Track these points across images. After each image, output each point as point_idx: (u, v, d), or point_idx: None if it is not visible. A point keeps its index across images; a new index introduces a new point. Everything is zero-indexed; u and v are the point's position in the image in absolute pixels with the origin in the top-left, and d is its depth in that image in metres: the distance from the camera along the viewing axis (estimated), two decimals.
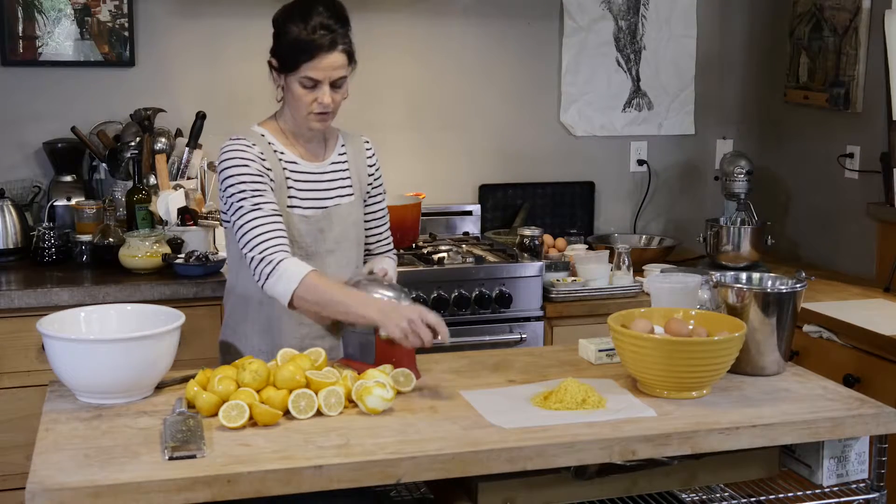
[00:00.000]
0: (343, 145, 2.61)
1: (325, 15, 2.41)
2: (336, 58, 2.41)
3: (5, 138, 3.59)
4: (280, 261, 2.34)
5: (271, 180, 2.44)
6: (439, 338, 2.24)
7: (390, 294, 2.34)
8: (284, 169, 2.48)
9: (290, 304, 2.34)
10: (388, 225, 2.74)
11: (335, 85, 2.43)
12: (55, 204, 3.49)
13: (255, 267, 2.36)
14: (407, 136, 3.97)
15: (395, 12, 3.87)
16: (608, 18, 4.10)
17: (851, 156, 3.74)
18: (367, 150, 2.66)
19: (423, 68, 3.96)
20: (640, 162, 4.22)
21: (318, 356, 2.24)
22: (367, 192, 2.64)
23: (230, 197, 2.42)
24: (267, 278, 2.34)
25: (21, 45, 3.56)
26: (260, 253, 2.35)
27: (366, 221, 2.66)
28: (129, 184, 3.49)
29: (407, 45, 3.93)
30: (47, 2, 3.56)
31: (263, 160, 2.44)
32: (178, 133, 3.65)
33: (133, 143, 3.52)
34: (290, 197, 2.48)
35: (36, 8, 3.55)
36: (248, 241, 2.37)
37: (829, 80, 3.81)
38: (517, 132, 4.08)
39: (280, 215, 2.41)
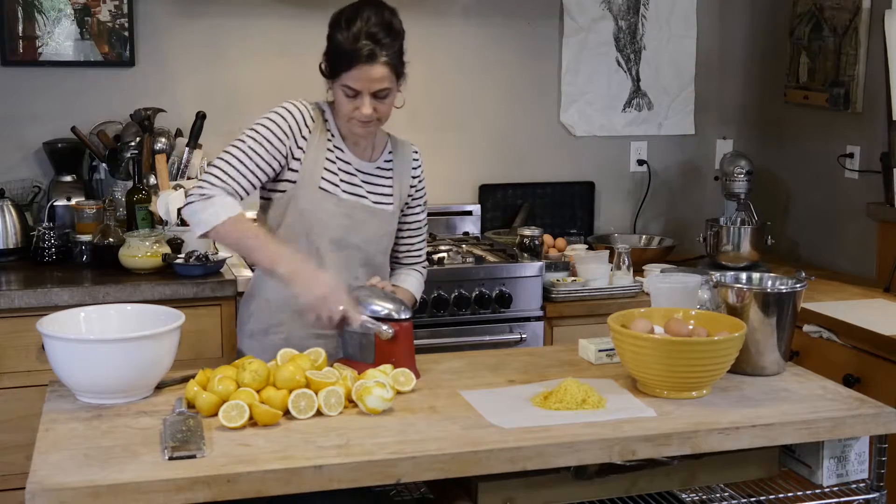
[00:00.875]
0: (391, 152, 2.60)
1: (371, 23, 2.37)
2: (377, 70, 2.37)
3: (5, 138, 3.59)
4: (216, 196, 2.34)
5: (294, 150, 2.42)
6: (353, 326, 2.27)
7: (389, 306, 2.34)
8: (329, 150, 2.47)
9: (205, 235, 2.36)
10: (423, 238, 2.71)
11: (377, 96, 2.40)
12: (55, 204, 3.49)
13: (197, 186, 2.38)
14: (407, 135, 3.93)
15: None
16: (608, 18, 4.10)
17: (851, 156, 3.74)
18: (415, 159, 2.65)
19: (424, 68, 3.95)
20: (640, 162, 4.22)
21: (318, 356, 2.24)
22: (406, 203, 2.63)
23: (248, 129, 2.42)
24: (196, 200, 2.35)
25: (21, 45, 3.56)
26: (208, 180, 2.36)
27: (400, 230, 2.64)
28: (129, 184, 3.49)
29: (407, 45, 3.92)
30: (47, 2, 3.56)
31: (308, 129, 2.43)
32: (178, 133, 3.65)
33: (133, 143, 3.52)
34: (323, 178, 2.46)
35: (36, 8, 3.55)
36: (215, 163, 2.39)
37: (829, 80, 3.81)
38: (517, 132, 4.08)
39: (260, 174, 2.40)
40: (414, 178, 2.63)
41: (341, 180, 2.49)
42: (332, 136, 2.49)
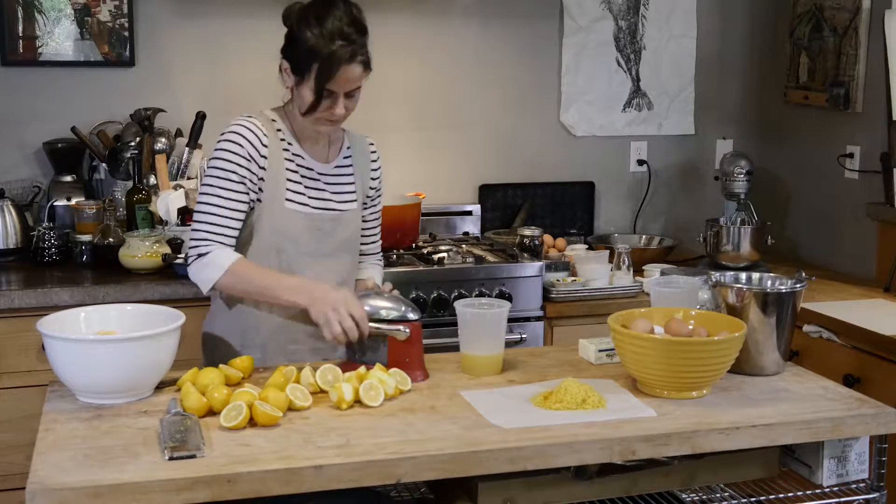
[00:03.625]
0: (349, 147, 2.57)
1: (344, 21, 2.31)
2: (354, 70, 2.33)
3: (5, 138, 3.59)
4: (210, 252, 2.35)
5: (257, 171, 2.40)
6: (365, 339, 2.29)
7: (390, 305, 2.34)
8: (287, 160, 2.44)
9: (213, 289, 2.38)
10: (379, 231, 2.71)
11: (349, 95, 2.38)
12: (55, 204, 3.49)
13: (190, 248, 2.39)
14: (407, 136, 3.97)
15: (395, 12, 3.87)
16: (608, 18, 4.10)
17: (851, 156, 3.74)
18: (372, 152, 2.62)
19: (424, 68, 3.97)
20: (640, 162, 4.22)
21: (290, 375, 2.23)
22: (367, 195, 2.61)
23: (209, 168, 2.41)
24: (193, 261, 2.37)
25: (21, 45, 3.56)
26: (198, 241, 2.37)
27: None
28: (129, 184, 3.49)
29: (407, 45, 3.93)
30: (47, 2, 3.56)
31: (264, 146, 2.40)
32: (178, 133, 3.65)
33: (133, 143, 3.52)
34: (288, 190, 2.44)
35: (36, 8, 3.55)
36: (198, 220, 2.39)
37: (829, 80, 3.81)
38: (517, 132, 4.08)
39: (241, 212, 2.40)
40: (373, 170, 2.61)
41: (306, 188, 2.46)
42: (289, 143, 2.45)
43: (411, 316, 2.33)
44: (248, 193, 2.41)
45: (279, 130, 2.46)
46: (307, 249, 2.47)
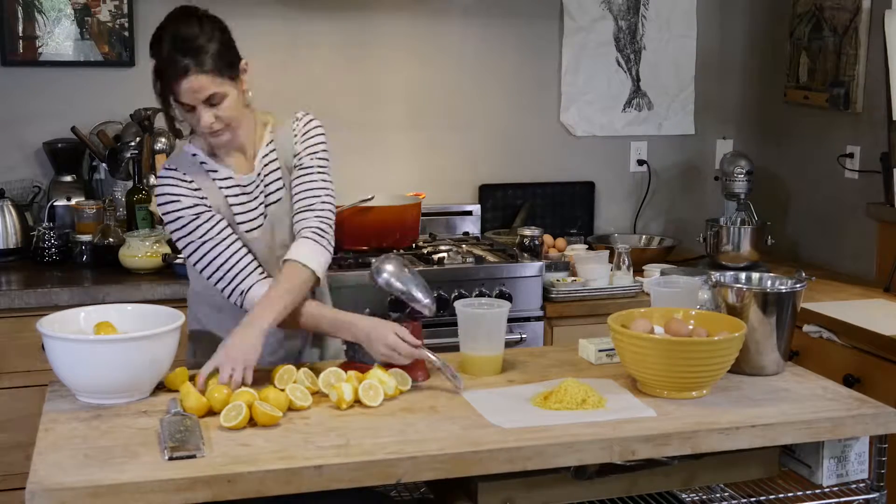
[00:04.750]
0: (271, 141, 2.46)
1: (176, 37, 2.27)
2: (193, 82, 2.26)
3: (5, 138, 3.59)
4: (246, 290, 2.34)
5: (208, 208, 2.36)
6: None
7: (400, 287, 2.32)
8: (221, 189, 2.39)
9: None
10: (313, 201, 2.42)
11: (211, 103, 2.29)
12: (55, 204, 3.49)
13: (228, 298, 2.37)
14: (407, 135, 3.97)
15: (395, 12, 3.87)
16: (608, 18, 4.10)
17: (851, 156, 3.74)
18: (294, 126, 2.47)
19: (424, 68, 3.97)
20: (640, 162, 4.22)
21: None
22: (295, 166, 2.45)
23: (175, 233, 2.37)
24: (241, 307, 2.35)
25: (21, 45, 3.56)
26: (225, 288, 2.35)
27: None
28: (129, 184, 3.49)
29: (407, 45, 3.93)
30: (47, 2, 3.56)
31: (196, 189, 2.36)
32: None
33: (133, 143, 3.52)
34: (236, 214, 2.40)
35: (36, 8, 3.55)
36: (209, 277, 2.37)
37: (829, 80, 3.81)
38: (517, 132, 4.08)
39: (232, 236, 2.37)
40: (296, 143, 2.45)
41: (244, 207, 2.40)
42: (215, 171, 2.40)
43: (425, 301, 2.32)
44: (219, 220, 2.37)
45: (203, 163, 2.40)
46: (265, 260, 2.42)
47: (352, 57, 3.81)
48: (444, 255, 3.46)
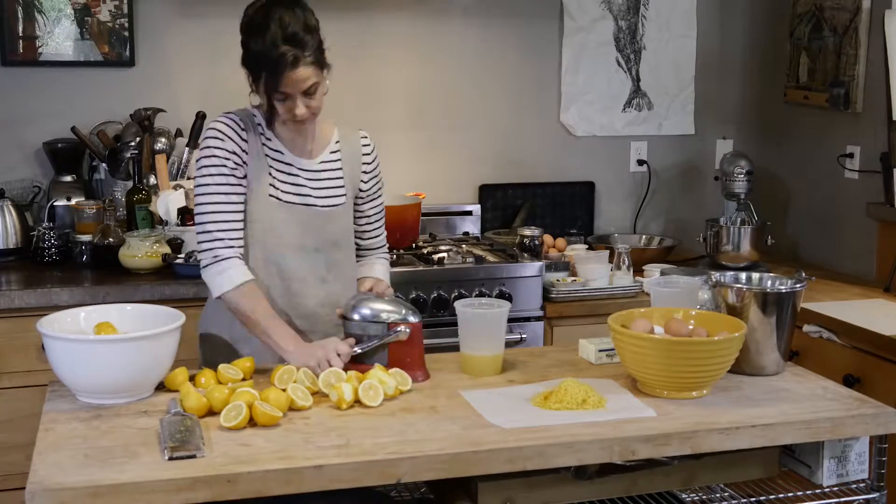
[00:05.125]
0: (338, 142, 2.56)
1: (285, 25, 2.31)
2: (301, 72, 2.32)
3: (5, 138, 3.59)
4: (227, 258, 2.37)
5: (245, 163, 2.42)
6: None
7: (390, 308, 2.35)
8: (267, 156, 2.45)
9: (219, 297, 2.39)
10: (382, 224, 2.68)
11: (307, 93, 2.36)
12: (55, 204, 3.49)
13: (202, 251, 2.39)
14: (407, 135, 3.97)
15: (395, 12, 3.87)
16: (608, 18, 4.10)
17: (851, 156, 3.74)
18: (364, 146, 2.59)
19: (424, 68, 3.97)
20: (640, 162, 4.22)
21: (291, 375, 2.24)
22: (361, 189, 2.59)
23: (201, 169, 2.42)
24: (207, 266, 2.38)
25: (21, 45, 3.56)
26: (209, 242, 2.38)
27: (358, 220, 2.62)
28: (129, 184, 3.49)
29: (407, 45, 3.93)
30: (47, 2, 3.56)
31: (244, 140, 2.42)
32: (178, 133, 3.65)
33: (133, 143, 3.52)
34: (271, 185, 2.44)
35: (36, 8, 3.55)
36: (202, 222, 2.40)
37: (829, 80, 3.81)
38: (517, 132, 4.08)
39: (241, 205, 2.41)
40: (365, 164, 2.58)
41: (288, 183, 2.47)
42: (268, 138, 2.47)
43: (412, 319, 2.34)
44: (241, 185, 2.42)
45: (259, 125, 2.47)
46: (291, 243, 2.47)
47: (352, 57, 3.81)
48: (444, 255, 3.46)
